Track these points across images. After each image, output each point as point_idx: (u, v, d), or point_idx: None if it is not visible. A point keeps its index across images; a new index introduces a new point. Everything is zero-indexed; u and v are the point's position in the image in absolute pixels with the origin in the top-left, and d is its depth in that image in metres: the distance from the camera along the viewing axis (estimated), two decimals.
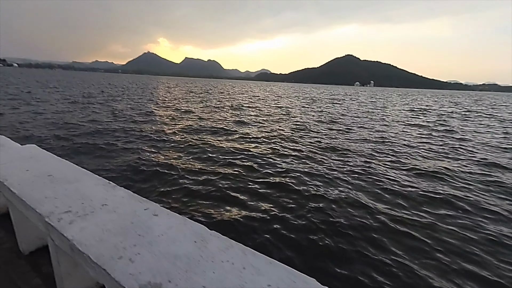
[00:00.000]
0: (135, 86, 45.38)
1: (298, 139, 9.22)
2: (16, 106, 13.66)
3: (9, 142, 2.49)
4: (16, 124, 9.44)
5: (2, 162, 1.99)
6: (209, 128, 10.41)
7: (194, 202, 4.10)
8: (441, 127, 13.55)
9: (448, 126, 13.75)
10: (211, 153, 6.83)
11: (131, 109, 15.60)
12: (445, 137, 10.73)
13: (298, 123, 13.10)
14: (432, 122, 15.61)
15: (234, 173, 5.50)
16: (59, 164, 2.02)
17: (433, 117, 18.13)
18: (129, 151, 6.79)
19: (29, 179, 1.71)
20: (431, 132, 11.69)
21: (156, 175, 5.20)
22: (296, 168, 5.91)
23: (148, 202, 1.53)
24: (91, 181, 1.75)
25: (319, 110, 19.99)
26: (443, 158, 7.42)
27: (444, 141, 9.87)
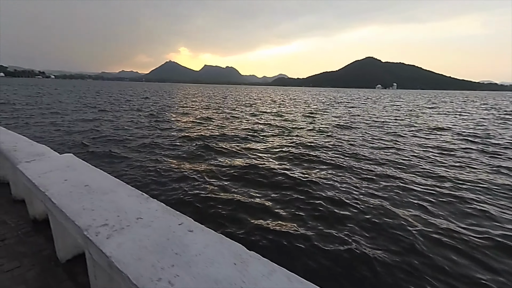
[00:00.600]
0: (159, 94, 47.40)
1: (329, 147, 8.95)
2: (52, 115, 14.79)
3: (49, 151, 2.62)
4: (54, 132, 10.18)
5: (43, 171, 2.08)
6: (232, 136, 10.46)
7: (224, 215, 4.04)
8: (472, 131, 12.53)
9: (484, 132, 12.67)
10: (238, 162, 6.80)
11: (155, 116, 16.22)
12: (482, 145, 9.85)
13: (321, 130, 12.79)
14: (465, 127, 14.50)
15: (265, 183, 5.34)
16: (94, 174, 2.06)
17: (467, 122, 16.86)
18: (154, 160, 6.97)
19: (67, 189, 1.76)
20: (465, 139, 10.83)
21: (181, 185, 5.24)
22: (336, 180, 5.59)
23: (182, 216, 1.48)
24: (125, 192, 1.75)
25: (341, 115, 19.44)
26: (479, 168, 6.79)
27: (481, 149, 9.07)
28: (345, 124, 14.45)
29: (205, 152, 7.66)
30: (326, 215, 4.10)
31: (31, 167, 2.18)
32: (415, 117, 19.34)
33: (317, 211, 4.22)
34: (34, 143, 2.95)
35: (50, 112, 15.90)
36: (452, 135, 11.60)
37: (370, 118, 17.92)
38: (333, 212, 4.18)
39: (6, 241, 2.12)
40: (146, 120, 14.51)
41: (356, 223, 3.88)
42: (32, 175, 2.01)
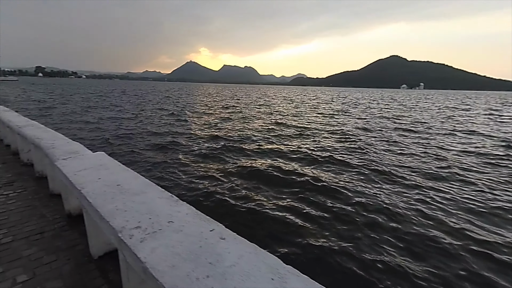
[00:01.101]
0: (180, 93, 48.82)
1: (356, 150, 8.65)
2: (84, 113, 15.76)
3: (83, 149, 2.73)
4: (84, 129, 10.81)
5: (78, 169, 2.16)
6: (254, 137, 10.44)
7: (248, 220, 4.00)
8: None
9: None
10: (262, 163, 6.75)
11: (176, 115, 16.67)
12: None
13: (347, 135, 12.39)
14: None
15: (289, 186, 5.26)
16: (125, 173, 2.10)
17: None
18: (176, 159, 7.12)
19: (101, 188, 1.80)
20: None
21: (203, 185, 5.29)
22: (365, 186, 5.38)
23: (213, 221, 1.45)
24: (155, 193, 1.76)
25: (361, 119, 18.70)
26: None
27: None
28: (370, 127, 13.86)
29: (226, 153, 7.71)
30: (358, 224, 3.92)
31: (68, 164, 2.28)
32: (447, 118, 18.10)
33: (347, 218, 4.05)
34: (70, 140, 3.10)
35: (84, 110, 16.96)
36: (491, 140, 10.67)
37: (398, 119, 17.06)
38: (367, 222, 3.99)
39: (44, 234, 2.23)
40: (168, 118, 14.97)
41: (390, 233, 3.66)
42: (68, 172, 2.09)
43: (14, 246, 2.03)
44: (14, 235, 2.17)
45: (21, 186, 3.21)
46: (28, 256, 1.92)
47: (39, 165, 3.53)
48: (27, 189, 3.13)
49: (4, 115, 5.09)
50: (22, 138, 3.91)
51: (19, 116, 4.92)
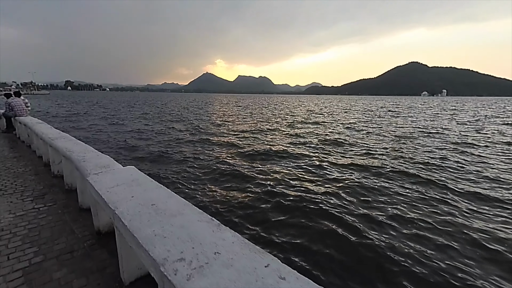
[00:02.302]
0: (198, 105, 50.08)
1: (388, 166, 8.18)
2: (109, 123, 16.42)
3: (113, 163, 2.66)
4: (110, 141, 11.16)
5: (110, 185, 2.06)
6: (275, 150, 10.25)
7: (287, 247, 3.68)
8: None
9: None
10: (290, 180, 6.48)
11: (197, 128, 16.91)
12: None
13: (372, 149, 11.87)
14: None
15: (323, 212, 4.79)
16: (159, 191, 1.96)
17: None
18: (198, 173, 7.04)
19: (136, 208, 1.66)
20: None
21: (230, 204, 5.06)
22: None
23: (266, 254, 1.23)
24: (193, 215, 1.59)
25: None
26: None
27: None
28: (396, 137, 13.18)
29: (248, 167, 7.52)
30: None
31: (99, 179, 2.19)
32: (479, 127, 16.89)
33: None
34: (100, 153, 3.06)
35: (109, 124, 17.71)
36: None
37: (424, 129, 16.17)
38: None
39: (74, 253, 2.12)
40: (187, 131, 15.19)
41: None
42: (101, 189, 1.99)
43: (45, 267, 1.93)
44: (44, 254, 2.08)
45: (51, 199, 3.20)
46: (58, 280, 1.80)
47: (69, 178, 3.54)
48: (57, 203, 3.10)
49: (37, 127, 5.28)
50: (53, 150, 3.98)
51: (51, 128, 5.08)
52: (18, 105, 7.47)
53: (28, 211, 2.83)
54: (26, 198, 3.19)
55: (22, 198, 3.17)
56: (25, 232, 2.40)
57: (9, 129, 7.97)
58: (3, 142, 6.71)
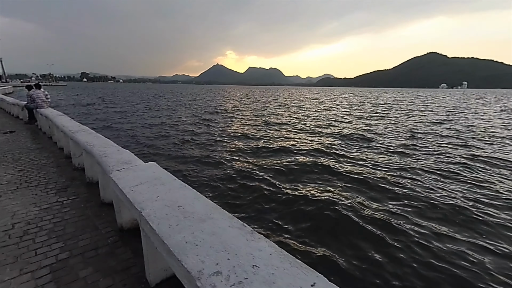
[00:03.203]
0: (209, 96, 50.14)
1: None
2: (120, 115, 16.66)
3: (135, 159, 2.61)
4: (127, 133, 11.33)
5: (134, 183, 2.00)
6: (294, 147, 10.05)
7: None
8: None
9: None
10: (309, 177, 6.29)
11: (209, 120, 16.89)
12: None
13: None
14: None
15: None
16: (184, 191, 1.88)
17: None
18: (219, 167, 6.99)
19: (162, 210, 1.59)
20: None
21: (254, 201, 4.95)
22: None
23: (308, 269, 1.12)
24: (224, 220, 1.49)
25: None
26: None
27: None
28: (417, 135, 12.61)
29: (271, 162, 7.38)
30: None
31: (122, 177, 2.14)
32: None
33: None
34: (120, 148, 3.03)
35: (116, 111, 18.01)
36: None
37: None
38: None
39: (98, 250, 2.11)
40: (200, 121, 15.20)
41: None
42: (124, 187, 1.94)
43: (71, 264, 1.92)
44: (70, 250, 2.08)
45: (73, 192, 3.22)
46: (84, 278, 1.78)
47: (90, 171, 3.55)
48: (79, 196, 3.12)
49: (57, 119, 5.37)
50: (74, 143, 4.01)
51: (71, 121, 5.15)
52: (39, 97, 7.64)
53: (52, 205, 2.86)
54: (50, 191, 3.23)
55: (46, 191, 3.22)
56: (50, 226, 2.41)
57: (31, 121, 8.21)
58: (26, 133, 6.91)
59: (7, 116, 10.22)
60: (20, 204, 2.83)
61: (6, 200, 2.93)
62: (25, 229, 2.35)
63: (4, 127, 7.67)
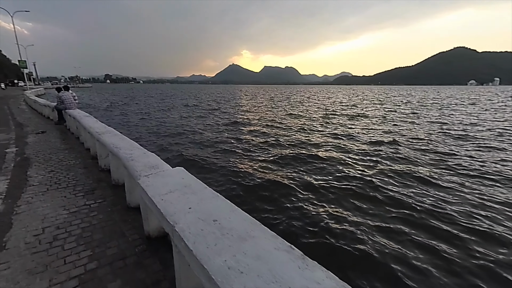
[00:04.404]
0: (226, 96, 50.50)
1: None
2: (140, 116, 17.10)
3: (162, 164, 2.51)
4: (149, 132, 11.56)
5: (163, 191, 1.87)
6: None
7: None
8: None
9: None
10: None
11: (231, 122, 16.90)
12: None
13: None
14: None
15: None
16: (217, 201, 1.72)
17: None
18: (242, 169, 6.86)
19: (197, 225, 1.43)
20: None
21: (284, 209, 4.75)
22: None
23: None
24: (267, 240, 1.30)
25: None
26: None
27: None
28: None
29: (293, 162, 7.14)
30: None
31: (151, 183, 2.02)
32: None
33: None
34: (146, 151, 2.95)
35: (138, 112, 18.53)
36: None
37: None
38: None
39: (126, 260, 2.01)
40: (221, 122, 15.23)
41: None
42: (154, 196, 1.81)
43: (100, 275, 1.83)
44: (98, 260, 2.00)
45: (100, 195, 3.20)
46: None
47: (116, 173, 3.53)
48: (106, 199, 3.09)
49: (84, 120, 5.49)
50: (100, 144, 4.03)
51: (97, 122, 5.23)
52: (67, 98, 7.95)
53: (80, 208, 2.84)
54: (78, 193, 3.23)
55: (75, 193, 3.23)
56: (78, 232, 2.37)
57: (60, 121, 8.58)
58: (56, 133, 7.19)
59: (39, 117, 10.80)
60: (50, 207, 2.84)
61: (37, 202, 2.95)
62: (54, 234, 2.32)
63: (37, 127, 8.06)
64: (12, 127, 7.99)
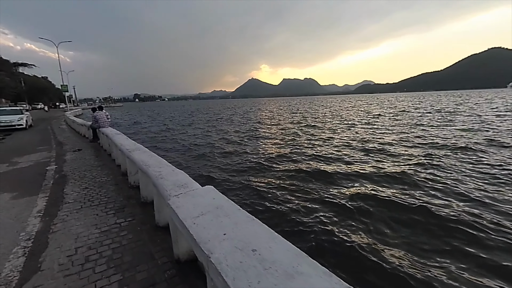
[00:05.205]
0: (246, 111, 51.27)
1: None
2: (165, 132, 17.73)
3: (191, 182, 2.42)
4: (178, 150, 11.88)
5: (195, 213, 1.75)
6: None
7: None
8: None
9: None
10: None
11: (250, 133, 16.95)
12: None
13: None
14: None
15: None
16: (254, 226, 1.56)
17: None
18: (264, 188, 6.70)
19: (235, 257, 1.26)
20: None
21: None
22: None
23: None
24: (319, 278, 1.10)
25: None
26: None
27: None
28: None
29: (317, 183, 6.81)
30: None
31: (181, 204, 1.92)
32: None
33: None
34: (175, 168, 2.91)
35: (163, 129, 19.30)
36: None
37: None
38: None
39: (156, 286, 1.88)
40: (242, 135, 15.30)
41: None
42: (185, 219, 1.69)
43: None
44: (128, 285, 1.90)
45: (130, 213, 3.20)
46: None
47: (145, 191, 3.54)
48: (135, 217, 3.07)
49: (116, 138, 5.73)
50: (130, 161, 4.12)
51: (128, 139, 5.42)
52: (101, 117, 8.48)
53: (111, 227, 2.83)
54: (109, 211, 3.26)
55: (106, 211, 3.26)
56: (109, 254, 2.32)
57: (94, 139, 9.15)
58: (90, 151, 7.63)
59: (76, 135, 11.65)
60: (83, 225, 2.87)
61: (71, 220, 3.01)
62: (86, 255, 2.30)
63: (74, 145, 8.64)
64: (53, 146, 8.65)
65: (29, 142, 9.88)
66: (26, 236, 2.68)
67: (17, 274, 2.07)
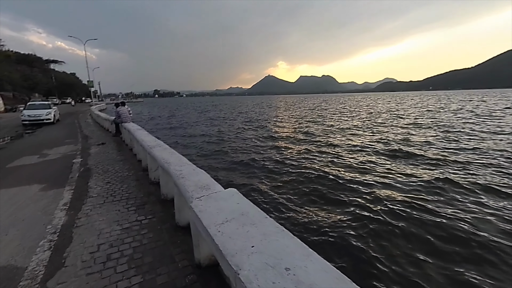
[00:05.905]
0: (263, 107, 51.03)
1: None
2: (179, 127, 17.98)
3: (213, 183, 2.32)
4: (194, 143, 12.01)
5: (219, 220, 1.64)
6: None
7: None
8: None
9: None
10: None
11: (269, 133, 16.77)
12: None
13: None
14: None
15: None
16: (283, 239, 1.41)
17: None
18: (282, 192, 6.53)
19: (266, 276, 1.13)
20: None
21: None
22: None
23: None
24: None
25: None
26: None
27: None
28: None
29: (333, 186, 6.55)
30: None
31: (204, 208, 1.82)
32: None
33: None
34: (195, 167, 2.83)
35: (174, 126, 19.58)
36: None
37: None
38: None
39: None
40: (257, 134, 15.17)
41: None
42: (209, 225, 1.59)
43: None
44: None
45: (150, 210, 3.18)
46: None
47: (165, 188, 3.52)
48: (156, 215, 3.04)
49: (137, 133, 5.81)
50: (151, 158, 4.13)
51: (149, 135, 5.47)
52: (124, 113, 8.72)
53: (132, 224, 2.82)
54: (130, 207, 3.27)
55: (127, 207, 3.27)
56: (130, 252, 2.29)
57: (117, 134, 9.45)
58: (113, 145, 7.86)
59: (101, 130, 12.13)
60: (105, 221, 2.88)
61: (94, 215, 3.04)
62: (108, 253, 2.28)
63: (98, 139, 8.97)
64: (79, 139, 9.03)
65: (57, 135, 10.42)
66: (52, 230, 2.73)
67: (43, 269, 2.09)
